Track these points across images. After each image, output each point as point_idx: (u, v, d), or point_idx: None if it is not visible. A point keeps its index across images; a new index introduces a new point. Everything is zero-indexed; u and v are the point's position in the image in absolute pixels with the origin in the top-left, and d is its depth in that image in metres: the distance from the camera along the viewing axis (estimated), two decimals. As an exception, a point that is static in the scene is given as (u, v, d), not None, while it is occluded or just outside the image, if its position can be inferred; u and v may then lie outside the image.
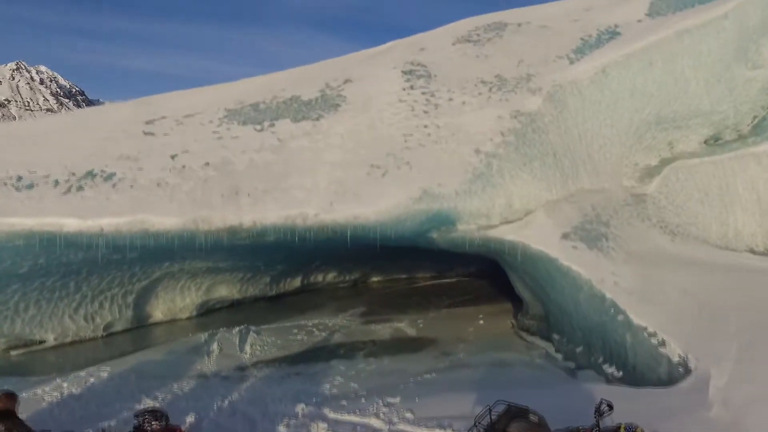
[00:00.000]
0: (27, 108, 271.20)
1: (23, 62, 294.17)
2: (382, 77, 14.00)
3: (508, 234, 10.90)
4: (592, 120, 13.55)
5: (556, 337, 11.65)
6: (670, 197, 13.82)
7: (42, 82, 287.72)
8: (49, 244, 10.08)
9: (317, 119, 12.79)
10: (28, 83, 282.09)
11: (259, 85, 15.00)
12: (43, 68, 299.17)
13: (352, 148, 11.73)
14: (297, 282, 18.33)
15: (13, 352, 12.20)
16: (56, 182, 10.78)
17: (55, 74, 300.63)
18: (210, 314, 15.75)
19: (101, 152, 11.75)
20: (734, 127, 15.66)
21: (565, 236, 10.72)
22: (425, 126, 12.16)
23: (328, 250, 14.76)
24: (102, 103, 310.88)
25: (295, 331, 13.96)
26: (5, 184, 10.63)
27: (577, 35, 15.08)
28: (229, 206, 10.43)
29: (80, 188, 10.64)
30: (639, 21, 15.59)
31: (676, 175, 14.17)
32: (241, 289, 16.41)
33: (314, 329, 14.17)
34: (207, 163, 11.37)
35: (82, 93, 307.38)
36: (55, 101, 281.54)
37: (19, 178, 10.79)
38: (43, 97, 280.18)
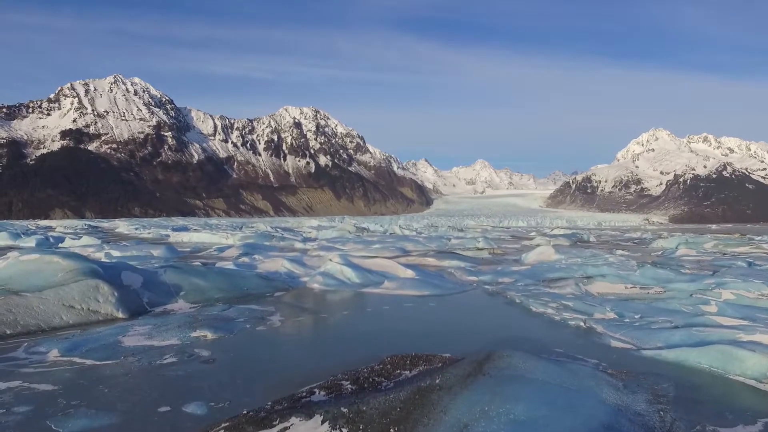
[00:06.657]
0: (123, 118, 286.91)
1: (120, 75, 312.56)
2: None
3: None
4: None
5: None
6: None
7: (136, 93, 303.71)
8: None
9: None
10: (124, 95, 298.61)
11: None
12: (137, 80, 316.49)
13: None
14: None
15: None
16: None
17: (147, 85, 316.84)
18: None
19: None
20: None
21: None
22: None
23: None
24: (189, 111, 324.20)
25: None
26: None
27: None
28: None
29: None
30: None
31: None
32: None
33: None
34: None
35: (171, 102, 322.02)
36: (147, 111, 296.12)
37: None
38: (137, 107, 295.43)
